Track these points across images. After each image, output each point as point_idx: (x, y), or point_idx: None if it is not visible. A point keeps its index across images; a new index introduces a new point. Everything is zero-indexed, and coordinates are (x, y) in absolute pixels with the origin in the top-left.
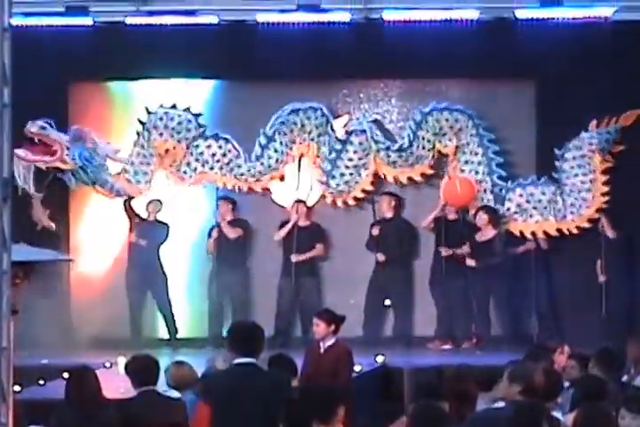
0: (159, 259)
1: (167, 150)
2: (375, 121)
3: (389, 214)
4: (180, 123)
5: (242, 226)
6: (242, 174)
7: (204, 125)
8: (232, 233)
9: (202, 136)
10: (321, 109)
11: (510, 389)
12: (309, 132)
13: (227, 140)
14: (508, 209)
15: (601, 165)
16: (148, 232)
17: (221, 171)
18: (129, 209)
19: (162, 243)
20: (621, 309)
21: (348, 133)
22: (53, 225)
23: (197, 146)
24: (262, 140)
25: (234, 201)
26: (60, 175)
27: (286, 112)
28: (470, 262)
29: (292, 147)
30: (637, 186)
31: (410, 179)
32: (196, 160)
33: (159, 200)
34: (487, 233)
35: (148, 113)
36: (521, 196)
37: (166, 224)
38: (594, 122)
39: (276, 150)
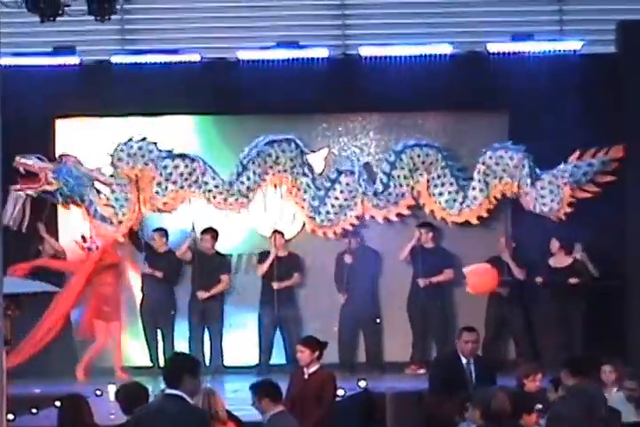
0: (172, 291)
1: (136, 175)
2: (366, 164)
3: (354, 245)
4: (140, 148)
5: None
6: (209, 191)
7: (165, 150)
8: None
9: (168, 157)
10: (294, 142)
11: (474, 413)
12: (283, 164)
13: (193, 160)
14: None
15: (569, 198)
16: (162, 264)
17: (190, 188)
18: (135, 239)
19: (177, 274)
20: None
21: (339, 173)
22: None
23: (165, 166)
24: (238, 168)
25: (216, 233)
26: (48, 196)
27: (262, 143)
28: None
29: (264, 178)
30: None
31: (398, 214)
32: (166, 180)
33: (163, 229)
34: (562, 260)
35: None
36: None
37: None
38: (576, 153)
39: (248, 178)
